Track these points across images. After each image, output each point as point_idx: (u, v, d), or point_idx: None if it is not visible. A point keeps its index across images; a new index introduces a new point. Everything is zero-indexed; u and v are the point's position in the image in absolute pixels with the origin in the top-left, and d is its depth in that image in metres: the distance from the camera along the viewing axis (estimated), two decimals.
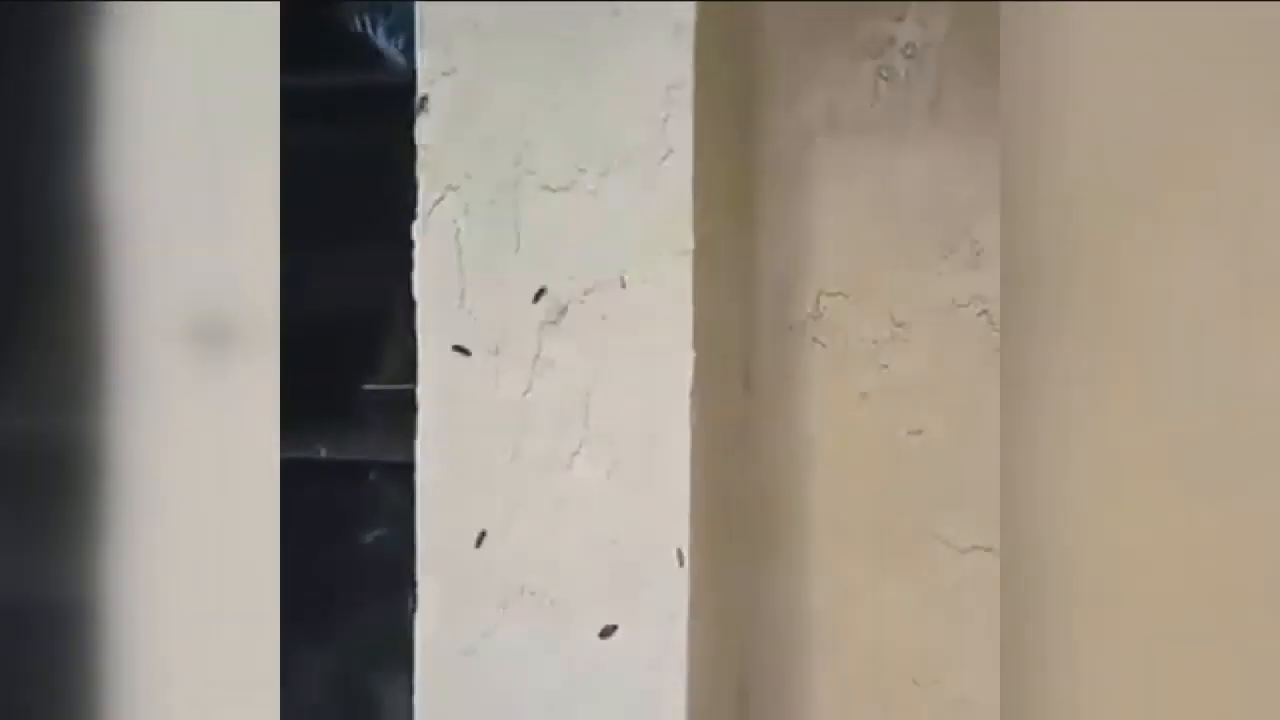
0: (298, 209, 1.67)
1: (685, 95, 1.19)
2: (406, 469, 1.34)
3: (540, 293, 1.24)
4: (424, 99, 1.26)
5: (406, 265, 1.29)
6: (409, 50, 1.42)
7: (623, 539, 1.20)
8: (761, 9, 1.30)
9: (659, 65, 1.19)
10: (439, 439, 1.26)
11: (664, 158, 1.19)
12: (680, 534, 1.19)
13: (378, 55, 1.70)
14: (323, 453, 1.64)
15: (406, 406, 1.56)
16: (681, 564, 1.19)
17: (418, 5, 1.28)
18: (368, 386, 1.70)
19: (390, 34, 1.70)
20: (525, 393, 1.24)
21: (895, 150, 1.23)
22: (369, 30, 1.71)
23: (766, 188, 1.29)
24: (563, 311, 1.23)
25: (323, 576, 1.64)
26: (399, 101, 1.31)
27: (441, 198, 1.27)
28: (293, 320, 1.69)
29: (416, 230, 1.28)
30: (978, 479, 1.08)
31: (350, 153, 1.69)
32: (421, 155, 1.27)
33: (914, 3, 1.24)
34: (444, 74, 1.25)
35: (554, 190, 1.24)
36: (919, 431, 1.20)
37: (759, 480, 1.28)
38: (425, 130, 1.26)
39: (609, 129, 1.21)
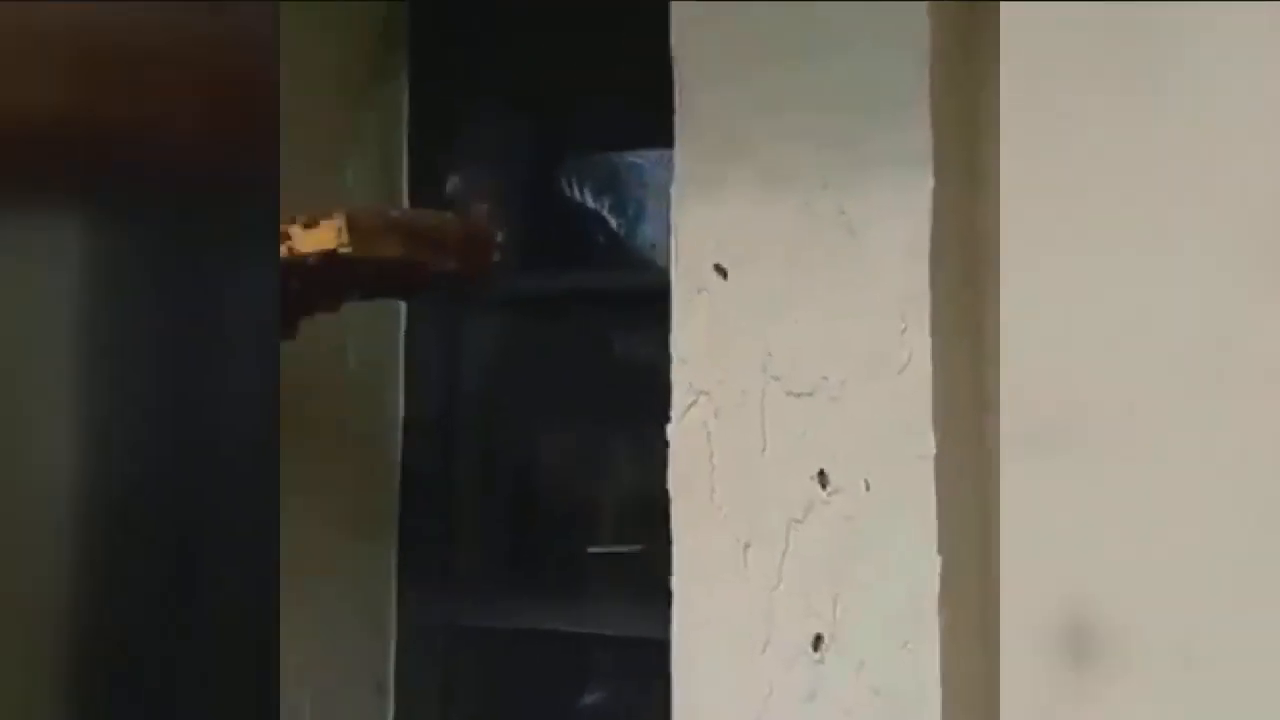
0: (549, 392, 1.83)
1: (922, 308, 1.26)
2: (642, 644, 1.44)
3: (786, 493, 1.31)
4: (679, 314, 1.38)
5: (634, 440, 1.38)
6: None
7: None
8: (988, 210, 1.36)
9: (895, 280, 1.27)
10: (693, 630, 1.35)
11: (903, 368, 1.26)
12: None
13: (633, 256, 1.86)
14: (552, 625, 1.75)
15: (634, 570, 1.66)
16: None
17: (672, 228, 1.40)
18: (594, 549, 1.81)
19: (640, 234, 1.85)
20: (774, 588, 1.31)
21: None
22: (626, 234, 1.87)
23: (998, 382, 1.33)
24: (809, 510, 1.31)
25: None
26: (652, 302, 1.44)
27: (694, 402, 1.37)
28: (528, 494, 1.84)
29: (671, 431, 1.39)
30: None
31: (592, 345, 1.84)
32: (676, 364, 1.38)
33: None
34: (697, 291, 1.37)
35: (798, 396, 1.32)
36: None
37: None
38: (680, 342, 1.37)
39: (849, 339, 1.29)
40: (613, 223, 1.86)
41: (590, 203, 1.87)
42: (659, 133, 1.44)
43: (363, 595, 1.77)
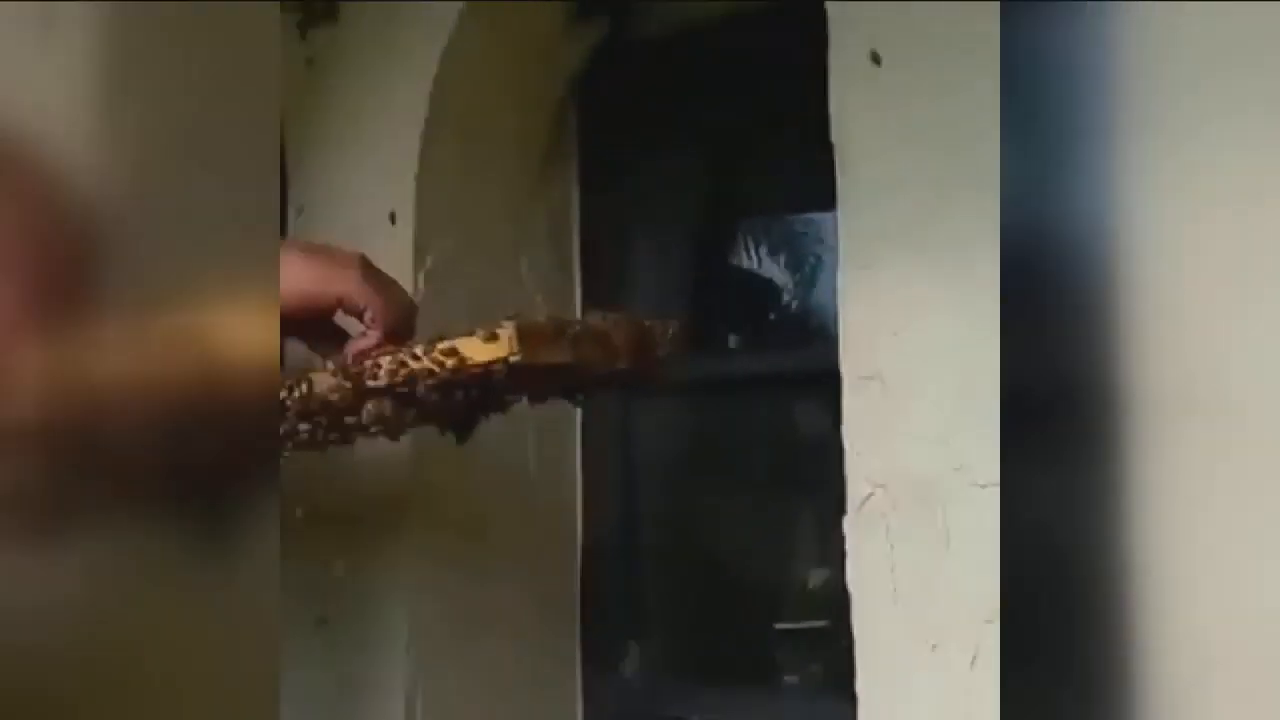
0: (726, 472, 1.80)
1: None
2: None
3: (975, 591, 1.24)
4: (850, 403, 1.32)
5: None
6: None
7: None
8: None
9: None
10: None
11: None
12: None
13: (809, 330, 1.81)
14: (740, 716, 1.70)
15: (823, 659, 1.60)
16: None
17: (839, 314, 1.35)
18: (780, 626, 1.75)
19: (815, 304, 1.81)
20: (966, 691, 1.24)
21: None
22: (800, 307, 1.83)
23: None
24: (999, 609, 1.23)
25: None
26: (825, 383, 1.39)
27: (870, 495, 1.31)
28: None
29: (847, 525, 1.33)
30: None
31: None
32: (849, 455, 1.32)
33: None
34: (865, 378, 1.31)
35: (983, 487, 1.25)
36: None
37: None
38: (852, 432, 1.32)
39: None
40: (787, 297, 1.82)
41: (763, 277, 1.83)
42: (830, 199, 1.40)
43: (547, 689, 1.76)
